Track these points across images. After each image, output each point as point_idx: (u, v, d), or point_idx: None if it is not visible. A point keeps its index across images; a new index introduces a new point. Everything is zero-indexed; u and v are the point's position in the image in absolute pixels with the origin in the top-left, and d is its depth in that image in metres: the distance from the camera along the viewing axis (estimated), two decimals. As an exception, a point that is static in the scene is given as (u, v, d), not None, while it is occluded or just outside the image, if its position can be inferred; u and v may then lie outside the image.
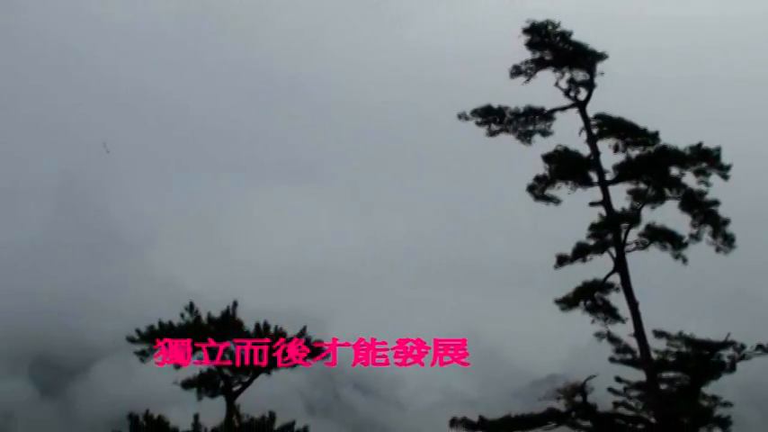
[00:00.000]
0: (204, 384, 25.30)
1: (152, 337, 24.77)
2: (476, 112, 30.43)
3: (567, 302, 29.74)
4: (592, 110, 30.30)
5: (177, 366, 25.01)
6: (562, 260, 29.41)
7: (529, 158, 30.53)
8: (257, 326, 25.16)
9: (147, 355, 24.89)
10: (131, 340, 24.78)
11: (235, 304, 25.14)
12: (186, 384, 25.28)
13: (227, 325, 24.95)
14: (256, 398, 25.49)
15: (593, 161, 29.79)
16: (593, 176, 29.77)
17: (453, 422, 29.14)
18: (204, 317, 24.82)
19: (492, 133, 30.88)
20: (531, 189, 30.12)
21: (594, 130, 30.11)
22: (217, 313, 24.93)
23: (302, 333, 25.44)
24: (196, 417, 23.21)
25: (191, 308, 24.88)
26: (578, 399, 29.18)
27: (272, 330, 25.19)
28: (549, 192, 30.03)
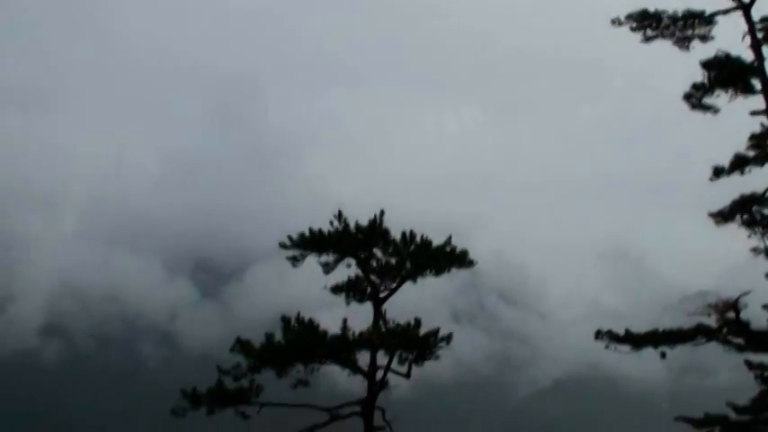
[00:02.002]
0: (352, 290, 25.98)
1: (303, 244, 25.52)
2: (631, 17, 29.09)
3: (723, 216, 28.63)
4: (757, 13, 28.44)
5: (327, 271, 25.79)
6: (718, 172, 28.21)
7: (686, 65, 29.18)
8: (403, 234, 25.50)
9: (298, 261, 25.71)
10: (283, 246, 25.60)
11: (382, 213, 25.49)
12: (335, 290, 26.06)
13: (375, 233, 25.39)
14: (402, 305, 26.01)
15: (757, 68, 28.03)
16: (756, 84, 28.08)
17: (598, 334, 28.91)
18: (352, 225, 25.33)
19: (647, 39, 29.50)
20: (687, 97, 28.76)
21: (759, 35, 28.21)
22: (364, 221, 25.38)
23: (448, 242, 25.62)
24: (344, 321, 23.86)
25: (339, 216, 25.39)
26: (731, 315, 28.32)
27: (417, 239, 25.49)
28: (707, 100, 28.59)
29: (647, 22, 29.15)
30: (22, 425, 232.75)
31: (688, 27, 29.15)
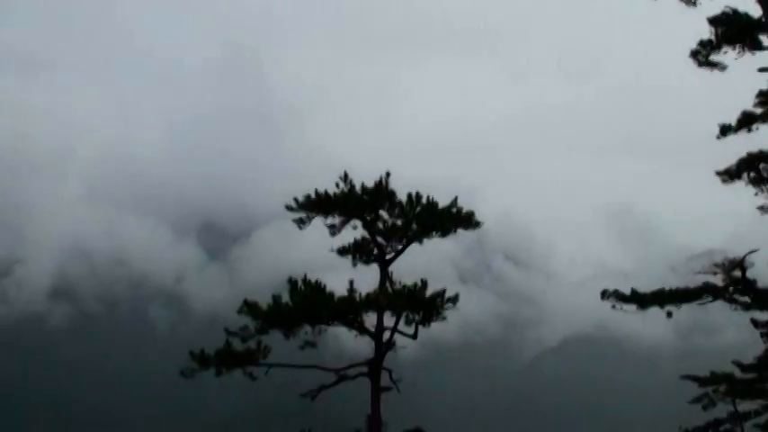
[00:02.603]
0: (359, 252, 26.01)
1: (309, 206, 25.47)
2: (637, -27, 28.73)
3: (730, 174, 28.46)
4: (766, -33, 27.94)
5: (333, 233, 25.79)
6: (725, 130, 27.98)
7: (693, 22, 28.76)
8: (409, 196, 25.43)
9: (304, 223, 25.69)
10: (289, 208, 25.57)
11: (387, 174, 25.40)
12: (342, 251, 26.09)
13: (380, 195, 25.33)
14: (409, 266, 26.04)
15: (765, 23, 27.64)
16: (764, 40, 27.69)
17: (604, 294, 28.97)
18: (358, 187, 25.26)
19: (654, -5, 29.11)
20: (694, 55, 28.37)
21: (768, -11, 27.83)
22: (370, 183, 25.31)
23: (453, 203, 25.56)
24: (351, 282, 23.88)
25: (345, 178, 25.32)
26: (737, 274, 28.31)
27: (423, 200, 25.43)
28: (715, 57, 28.22)
29: (653, -22, 28.72)
30: (30, 387, 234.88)
31: (695, -18, 28.68)
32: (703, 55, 28.20)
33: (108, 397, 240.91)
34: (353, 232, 25.94)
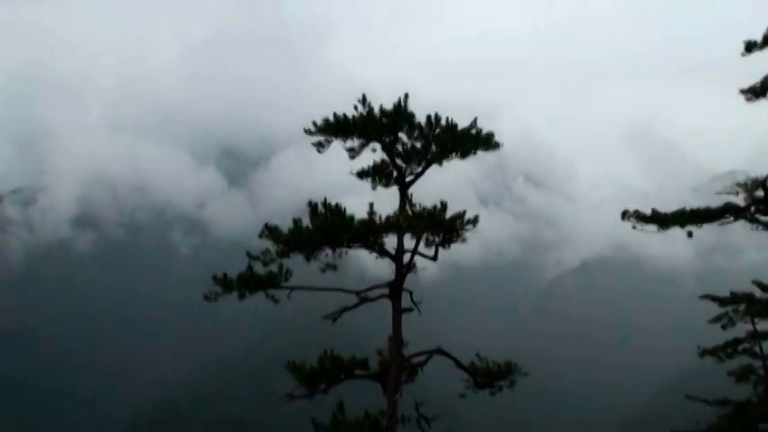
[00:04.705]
0: (378, 175, 25.93)
1: (327, 130, 25.32)
2: None
3: (754, 93, 27.93)
4: None
5: (352, 157, 25.69)
6: (751, 46, 27.38)
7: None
8: (428, 118, 25.23)
9: (323, 147, 25.59)
10: (308, 132, 25.44)
11: (406, 96, 25.14)
12: (361, 174, 26.02)
13: (399, 117, 25.13)
14: (429, 188, 26.02)
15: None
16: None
17: (625, 214, 28.86)
18: (377, 109, 25.05)
19: None
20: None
21: None
22: (389, 105, 25.08)
23: (473, 125, 25.35)
24: (371, 205, 23.88)
25: (363, 100, 25.10)
26: (759, 193, 28.07)
27: (443, 122, 25.22)
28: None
29: None
30: (57, 312, 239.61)
31: None
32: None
33: (132, 321, 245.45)
34: (373, 155, 25.82)
